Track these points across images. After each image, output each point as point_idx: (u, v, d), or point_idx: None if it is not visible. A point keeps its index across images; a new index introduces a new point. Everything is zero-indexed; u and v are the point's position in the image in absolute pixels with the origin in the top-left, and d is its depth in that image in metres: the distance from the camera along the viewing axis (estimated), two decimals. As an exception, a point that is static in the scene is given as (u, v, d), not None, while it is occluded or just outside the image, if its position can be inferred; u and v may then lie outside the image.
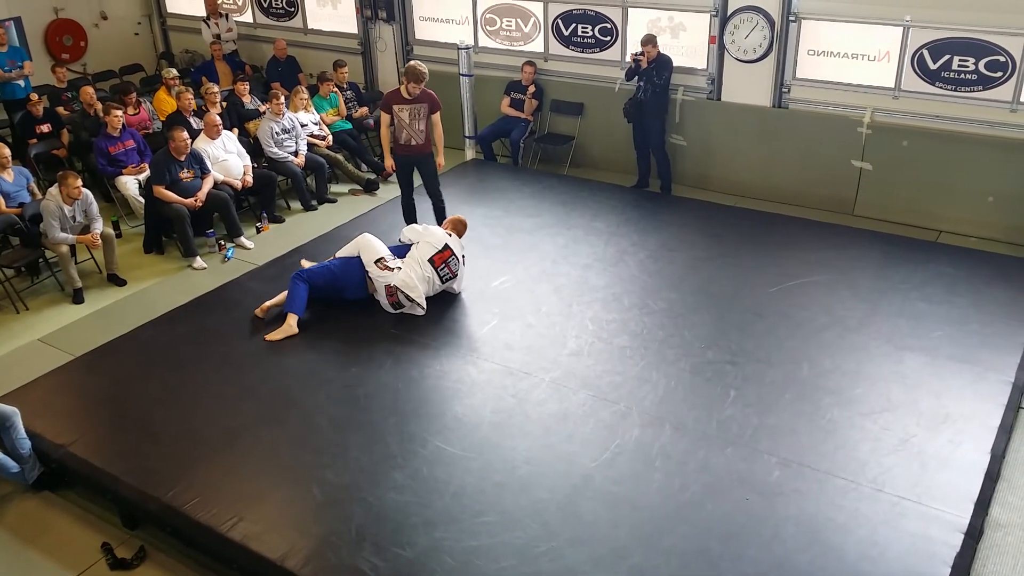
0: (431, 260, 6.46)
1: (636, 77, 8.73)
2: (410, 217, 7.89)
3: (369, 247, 6.58)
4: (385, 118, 7.50)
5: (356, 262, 6.56)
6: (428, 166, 7.68)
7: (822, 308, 6.46)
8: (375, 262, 6.47)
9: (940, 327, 6.15)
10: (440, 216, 7.81)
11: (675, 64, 8.88)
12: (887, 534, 4.34)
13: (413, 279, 6.38)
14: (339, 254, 6.77)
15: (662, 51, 8.62)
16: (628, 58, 8.91)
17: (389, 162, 7.67)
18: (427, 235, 6.63)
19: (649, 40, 8.58)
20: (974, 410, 5.26)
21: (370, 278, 6.51)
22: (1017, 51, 7.46)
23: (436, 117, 7.51)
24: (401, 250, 6.68)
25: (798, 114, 8.67)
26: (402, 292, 6.36)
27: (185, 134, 8.04)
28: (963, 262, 7.11)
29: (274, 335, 6.24)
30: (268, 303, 6.57)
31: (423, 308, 6.45)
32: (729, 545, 4.31)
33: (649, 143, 8.96)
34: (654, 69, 8.58)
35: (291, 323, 6.31)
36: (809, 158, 8.70)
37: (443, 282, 6.58)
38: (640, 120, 8.87)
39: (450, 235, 6.68)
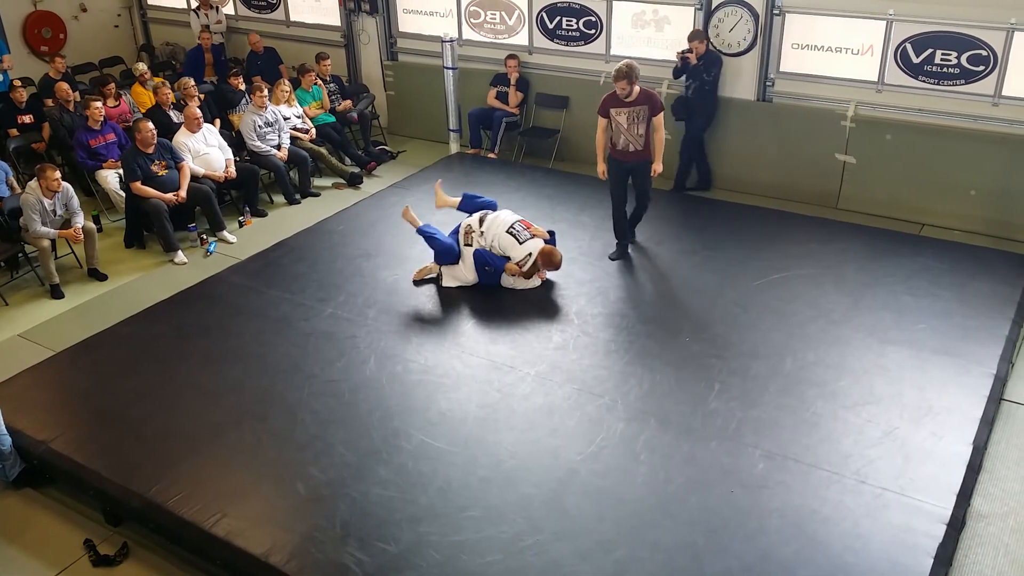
0: (513, 224, 6.77)
1: (684, 75, 8.49)
2: (621, 233, 7.32)
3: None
4: (601, 122, 7.03)
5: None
6: (644, 174, 7.11)
7: (806, 301, 6.48)
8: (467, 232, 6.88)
9: (923, 320, 6.19)
10: (635, 220, 7.43)
11: (659, 58, 8.89)
12: (870, 526, 4.37)
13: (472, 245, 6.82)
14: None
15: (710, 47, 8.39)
16: (675, 56, 8.55)
17: (601, 167, 7.21)
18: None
19: (696, 35, 8.33)
20: (957, 402, 5.30)
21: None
22: (999, 45, 7.50)
23: (658, 120, 6.94)
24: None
25: (782, 107, 8.68)
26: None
27: (149, 124, 7.91)
28: (946, 255, 7.14)
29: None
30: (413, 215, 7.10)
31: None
32: (714, 538, 4.32)
33: (687, 137, 8.68)
34: (703, 66, 8.36)
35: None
36: (793, 151, 8.72)
37: (520, 241, 6.70)
38: (689, 119, 8.68)
39: (533, 240, 6.72)
